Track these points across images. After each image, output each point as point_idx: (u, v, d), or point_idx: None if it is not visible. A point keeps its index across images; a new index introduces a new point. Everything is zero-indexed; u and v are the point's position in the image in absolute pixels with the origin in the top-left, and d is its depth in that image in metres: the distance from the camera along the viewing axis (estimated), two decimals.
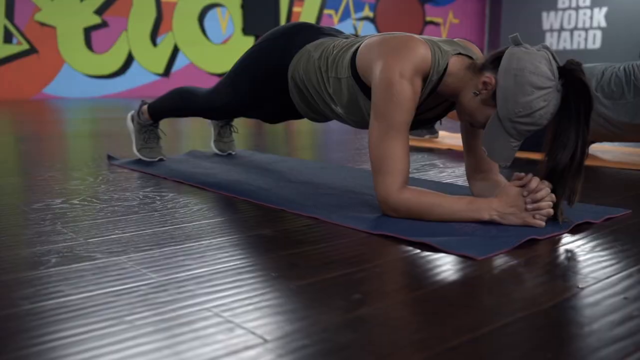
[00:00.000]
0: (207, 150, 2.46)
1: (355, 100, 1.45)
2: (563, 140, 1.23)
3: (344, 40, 1.54)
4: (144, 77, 8.74)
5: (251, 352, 0.69)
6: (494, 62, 1.27)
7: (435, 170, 2.05)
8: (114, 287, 0.90)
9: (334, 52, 1.51)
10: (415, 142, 2.84)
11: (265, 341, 0.73)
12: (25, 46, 7.93)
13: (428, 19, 11.49)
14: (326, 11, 10.31)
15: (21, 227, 1.25)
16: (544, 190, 1.22)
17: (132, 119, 2.21)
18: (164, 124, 3.96)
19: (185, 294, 0.87)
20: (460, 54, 1.36)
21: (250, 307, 0.83)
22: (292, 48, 1.62)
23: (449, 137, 3.05)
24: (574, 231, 1.24)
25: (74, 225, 1.26)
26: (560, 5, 10.49)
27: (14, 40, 7.83)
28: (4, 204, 1.47)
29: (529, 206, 1.23)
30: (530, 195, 1.23)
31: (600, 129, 2.22)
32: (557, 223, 1.26)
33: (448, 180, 1.83)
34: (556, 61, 1.23)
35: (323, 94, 1.54)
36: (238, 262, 1.03)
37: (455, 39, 1.43)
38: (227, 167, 2.05)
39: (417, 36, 1.35)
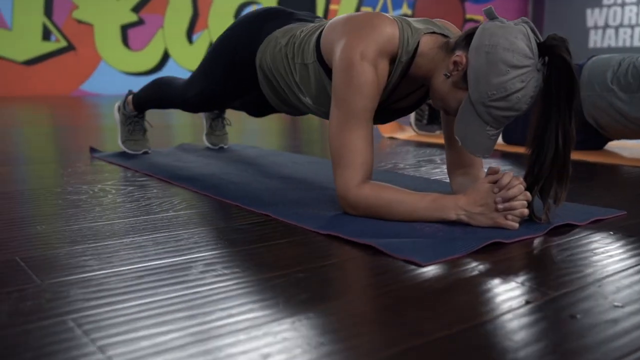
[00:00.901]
0: (199, 144, 2.35)
1: (323, 88, 1.31)
2: (544, 130, 1.06)
3: (315, 24, 1.40)
4: (180, 74, 8.75)
5: None
6: (467, 39, 1.12)
7: (430, 166, 1.88)
8: None
9: (301, 36, 1.37)
10: (424, 137, 2.67)
11: None
12: (63, 43, 8.04)
13: (468, 16, 11.16)
14: (363, 8, 10.13)
15: None
16: (517, 188, 1.06)
17: (119, 110, 2.12)
18: (163, 115, 3.89)
19: (58, 301, 0.76)
20: (434, 32, 1.21)
21: (122, 319, 0.70)
22: (261, 35, 1.49)
23: None
24: (550, 234, 1.07)
25: None
26: (605, 1, 10.02)
27: (52, 38, 7.95)
28: None
29: (500, 205, 1.07)
30: (501, 193, 1.06)
31: (616, 125, 2.01)
32: (534, 224, 1.10)
33: (438, 177, 1.67)
34: (537, 36, 1.07)
35: (291, 84, 1.41)
36: (147, 264, 0.90)
37: (433, 19, 1.27)
38: (209, 160, 1.93)
39: (385, 14, 1.21)
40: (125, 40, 8.35)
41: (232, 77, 1.56)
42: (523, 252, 0.97)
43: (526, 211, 1.07)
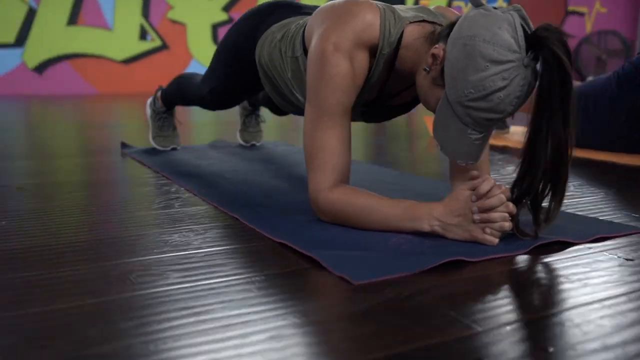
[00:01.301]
0: (233, 141, 2.30)
1: None
2: (536, 135, 0.91)
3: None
4: None
5: None
6: (449, 29, 0.98)
7: None
8: None
9: (294, 29, 1.27)
10: None
11: None
12: (157, 42, 8.35)
13: (570, 8, 10.50)
14: (455, 3, 9.80)
15: None
16: (496, 198, 0.91)
17: (150, 106, 2.12)
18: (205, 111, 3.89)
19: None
20: (423, 21, 1.07)
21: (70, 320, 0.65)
22: (260, 30, 1.40)
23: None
24: (534, 253, 0.91)
25: None
26: None
27: (148, 37, 8.28)
28: None
29: (476, 216, 0.92)
30: (478, 202, 0.92)
31: None
32: (518, 240, 0.94)
33: None
34: (528, 27, 0.92)
35: (286, 80, 1.31)
36: (95, 265, 0.85)
37: (432, 7, 1.12)
38: (230, 158, 1.88)
39: (370, 0, 1.09)
40: (215, 39, 8.56)
41: (235, 74, 1.49)
42: (484, 274, 0.83)
43: (507, 224, 0.92)
